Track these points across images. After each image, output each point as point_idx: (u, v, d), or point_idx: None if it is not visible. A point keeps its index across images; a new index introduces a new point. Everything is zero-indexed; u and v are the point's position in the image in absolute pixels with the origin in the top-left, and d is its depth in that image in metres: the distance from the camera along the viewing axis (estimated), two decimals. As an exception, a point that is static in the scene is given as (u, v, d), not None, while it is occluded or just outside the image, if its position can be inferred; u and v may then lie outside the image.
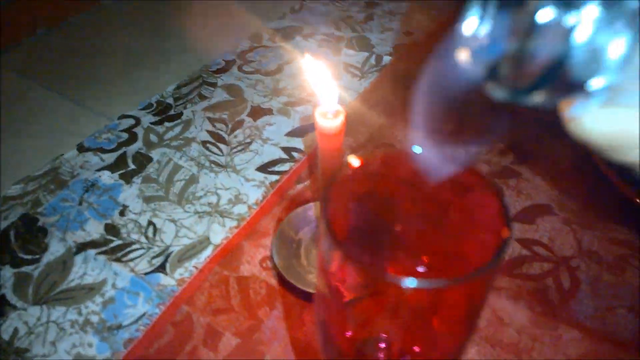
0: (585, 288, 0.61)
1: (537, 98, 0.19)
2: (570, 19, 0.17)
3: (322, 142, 0.52)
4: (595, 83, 0.18)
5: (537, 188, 0.72)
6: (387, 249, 0.31)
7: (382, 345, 0.30)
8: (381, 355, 0.30)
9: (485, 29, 0.20)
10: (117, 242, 0.69)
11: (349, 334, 0.30)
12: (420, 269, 0.32)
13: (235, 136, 0.86)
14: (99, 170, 0.79)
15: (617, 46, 0.17)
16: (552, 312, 0.58)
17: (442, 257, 0.32)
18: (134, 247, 0.68)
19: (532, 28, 0.17)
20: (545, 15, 0.17)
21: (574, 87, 0.18)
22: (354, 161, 0.30)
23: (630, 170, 0.21)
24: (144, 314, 0.61)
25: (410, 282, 0.23)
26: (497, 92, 0.20)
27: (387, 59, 1.04)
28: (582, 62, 0.17)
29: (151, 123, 0.89)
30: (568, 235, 0.66)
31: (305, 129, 0.87)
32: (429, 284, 0.23)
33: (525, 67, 0.18)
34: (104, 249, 0.68)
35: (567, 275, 0.62)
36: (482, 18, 0.20)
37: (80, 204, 0.74)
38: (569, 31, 0.17)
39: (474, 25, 0.20)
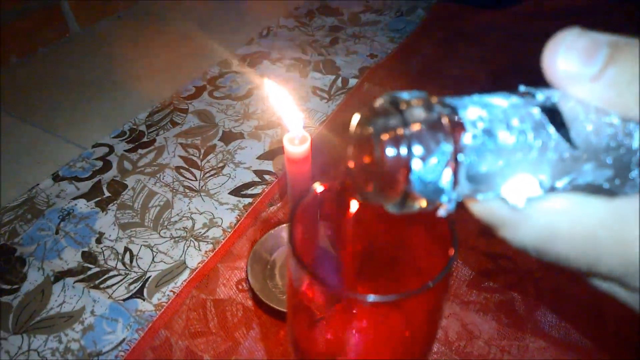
0: (549, 299, 0.64)
1: (409, 209, 0.23)
2: (403, 150, 0.22)
3: (291, 167, 0.55)
4: (442, 199, 0.22)
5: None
6: (350, 267, 0.34)
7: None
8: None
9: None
10: (94, 269, 0.70)
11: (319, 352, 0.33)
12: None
13: (208, 161, 0.88)
14: (74, 198, 0.81)
15: (445, 175, 0.22)
16: (518, 324, 0.62)
17: (401, 273, 0.35)
18: (111, 273, 0.69)
19: (382, 162, 0.22)
20: (390, 151, 0.22)
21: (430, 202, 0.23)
22: (318, 187, 0.33)
23: None
24: (123, 340, 0.62)
25: (368, 298, 0.26)
26: (387, 207, 0.24)
27: (353, 81, 1.08)
28: (424, 189, 0.22)
29: (125, 150, 0.90)
30: (528, 247, 0.70)
31: (276, 152, 0.89)
32: (384, 298, 0.26)
33: (387, 191, 0.23)
34: (81, 276, 0.69)
35: (532, 287, 0.65)
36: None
37: (56, 232, 0.75)
38: (408, 165, 0.22)
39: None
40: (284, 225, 0.71)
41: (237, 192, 0.82)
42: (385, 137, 0.22)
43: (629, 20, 1.21)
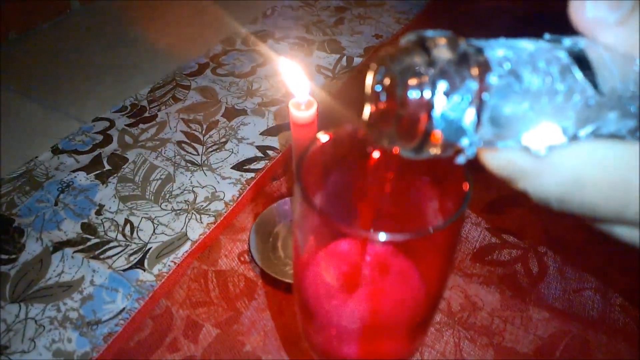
0: (553, 272, 0.63)
1: (426, 154, 0.23)
2: (427, 93, 0.21)
3: (296, 133, 0.54)
4: (463, 142, 0.21)
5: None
6: (357, 211, 0.32)
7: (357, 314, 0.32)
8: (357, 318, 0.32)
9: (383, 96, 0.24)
10: (94, 240, 0.69)
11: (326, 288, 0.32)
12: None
13: (210, 136, 0.87)
14: (74, 171, 0.80)
15: (468, 114, 0.21)
16: (522, 296, 0.61)
17: (410, 214, 0.34)
18: (111, 244, 0.68)
19: (404, 102, 0.22)
20: (413, 93, 0.21)
21: (449, 145, 0.22)
22: (323, 137, 0.32)
23: None
24: (123, 309, 0.61)
25: (381, 236, 0.24)
26: (403, 152, 0.24)
27: (358, 60, 1.06)
28: (446, 127, 0.21)
29: (126, 125, 0.89)
30: (536, 223, 0.69)
31: (279, 128, 0.88)
32: (400, 236, 0.25)
33: (406, 132, 0.22)
34: (81, 247, 0.68)
35: (535, 260, 0.64)
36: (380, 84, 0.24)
37: (55, 204, 0.74)
38: (431, 104, 0.21)
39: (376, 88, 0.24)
40: (287, 198, 0.70)
41: (239, 166, 0.80)
42: (409, 76, 0.21)
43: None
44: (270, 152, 0.83)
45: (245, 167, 0.80)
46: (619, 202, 0.21)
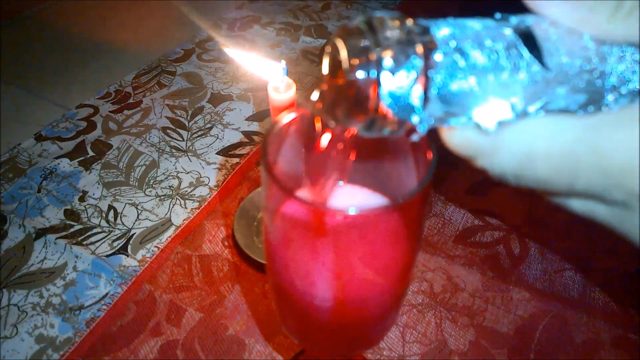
0: (534, 253, 0.63)
1: (379, 131, 0.23)
2: (374, 72, 0.21)
3: (276, 115, 0.53)
4: (413, 119, 0.22)
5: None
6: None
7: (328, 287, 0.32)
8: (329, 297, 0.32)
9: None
10: (77, 226, 0.69)
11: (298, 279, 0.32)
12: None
13: (196, 122, 0.86)
14: (57, 158, 0.79)
15: (415, 91, 0.21)
16: (503, 276, 0.61)
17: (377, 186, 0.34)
18: (94, 231, 0.68)
19: (352, 82, 0.22)
20: (360, 73, 0.22)
21: (400, 122, 0.22)
22: (289, 115, 0.32)
23: None
24: (106, 294, 0.61)
25: (351, 210, 0.24)
26: (358, 130, 0.24)
27: (344, 45, 1.06)
28: (394, 105, 0.21)
29: (110, 111, 0.88)
30: (518, 204, 0.69)
31: (265, 113, 0.88)
32: (369, 209, 0.25)
33: (356, 111, 0.23)
34: (63, 233, 0.68)
35: (517, 242, 0.65)
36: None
37: (39, 191, 0.74)
38: (378, 82, 0.21)
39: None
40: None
41: (225, 152, 0.80)
42: (355, 56, 0.22)
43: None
44: (255, 138, 0.83)
45: (230, 153, 0.80)
46: (568, 174, 0.22)
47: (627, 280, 0.60)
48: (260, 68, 0.53)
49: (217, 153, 0.80)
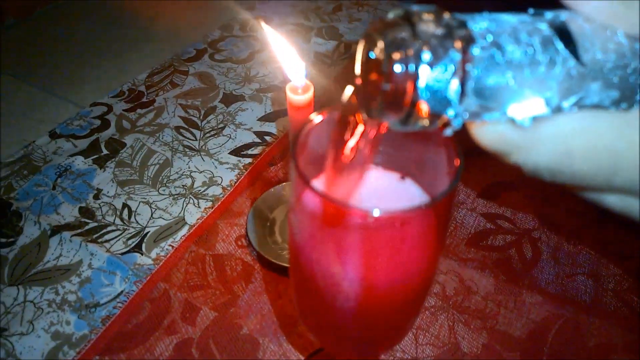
0: (546, 257, 0.64)
1: (413, 125, 0.23)
2: (412, 66, 0.22)
3: (293, 116, 0.54)
4: (449, 113, 0.22)
5: (500, 165, 0.75)
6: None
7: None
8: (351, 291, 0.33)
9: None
10: (92, 224, 0.69)
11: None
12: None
13: (208, 122, 0.87)
14: (72, 155, 0.80)
15: (453, 85, 0.21)
16: (515, 280, 0.61)
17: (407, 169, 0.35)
18: (109, 228, 0.69)
19: (390, 75, 0.22)
20: (398, 66, 0.22)
21: (436, 116, 0.23)
22: (317, 117, 0.33)
23: None
24: (121, 292, 0.62)
25: (375, 212, 0.25)
26: (391, 124, 0.24)
27: (355, 47, 1.06)
28: (431, 98, 0.22)
29: (124, 110, 0.89)
30: (530, 208, 0.69)
31: (277, 114, 0.88)
32: (395, 211, 0.26)
33: (393, 105, 0.23)
34: (79, 231, 0.68)
35: (529, 245, 0.65)
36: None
37: (53, 188, 0.74)
38: (416, 76, 0.21)
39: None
40: (285, 183, 0.70)
41: (237, 152, 0.81)
42: (394, 49, 0.22)
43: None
44: (267, 138, 0.83)
45: (242, 153, 0.80)
46: (607, 170, 0.22)
47: (639, 285, 0.61)
48: (285, 64, 0.54)
49: (229, 153, 0.80)
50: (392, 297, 0.33)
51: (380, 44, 0.23)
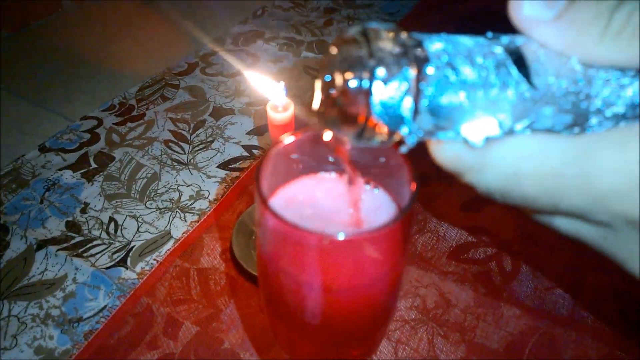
0: (526, 270, 0.64)
1: (368, 141, 0.24)
2: (366, 82, 0.22)
3: (274, 134, 0.55)
4: (403, 130, 0.23)
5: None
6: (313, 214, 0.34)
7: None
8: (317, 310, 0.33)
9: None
10: (78, 238, 0.70)
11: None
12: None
13: (197, 135, 0.88)
14: (60, 169, 0.81)
15: (406, 102, 0.22)
16: (494, 293, 0.62)
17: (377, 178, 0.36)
18: (95, 243, 0.69)
19: (344, 90, 0.23)
20: (352, 82, 0.22)
21: (390, 132, 0.23)
22: (288, 138, 0.33)
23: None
24: (104, 307, 0.62)
25: (340, 235, 0.26)
26: (351, 139, 0.25)
27: (345, 60, 1.07)
28: (385, 115, 0.22)
29: (114, 123, 0.90)
30: (510, 221, 0.70)
31: (265, 128, 0.89)
32: (354, 234, 0.26)
33: (348, 119, 0.24)
34: (64, 245, 0.69)
35: (509, 259, 0.66)
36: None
37: (41, 202, 0.75)
38: (369, 92, 0.22)
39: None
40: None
41: (225, 165, 0.81)
42: (349, 65, 0.23)
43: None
44: (255, 152, 0.84)
45: (230, 166, 0.81)
46: (555, 194, 0.22)
47: (616, 299, 0.61)
48: (262, 86, 0.55)
49: (217, 166, 0.81)
50: (357, 313, 0.34)
51: (337, 60, 0.24)
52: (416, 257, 0.66)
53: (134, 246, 0.69)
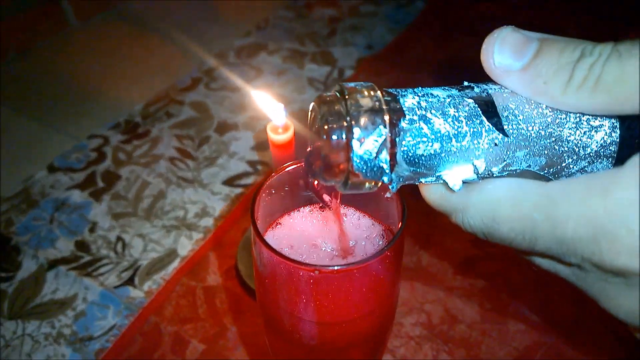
0: (531, 285, 0.65)
1: (354, 188, 0.25)
2: (343, 138, 0.24)
3: (275, 153, 0.56)
4: (384, 179, 0.24)
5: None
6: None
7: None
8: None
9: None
10: (87, 257, 0.71)
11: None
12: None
13: (202, 152, 0.89)
14: (68, 189, 0.82)
15: (383, 155, 0.23)
16: (500, 308, 0.62)
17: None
18: (103, 262, 0.71)
19: (326, 145, 0.25)
20: (333, 137, 0.24)
21: (372, 181, 0.25)
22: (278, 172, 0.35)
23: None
24: (114, 326, 0.63)
25: (329, 266, 0.27)
26: (339, 188, 0.26)
27: (349, 72, 1.08)
28: (364, 167, 0.24)
29: (120, 142, 0.91)
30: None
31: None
32: (341, 265, 0.27)
33: (331, 171, 0.25)
34: (74, 265, 0.70)
35: (515, 273, 0.66)
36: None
37: (51, 222, 0.77)
38: (349, 147, 0.23)
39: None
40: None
41: (230, 182, 0.82)
42: (328, 123, 0.24)
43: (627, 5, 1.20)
44: (259, 167, 0.85)
45: (235, 183, 0.82)
46: (529, 238, 0.24)
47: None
48: (264, 106, 0.56)
49: (222, 183, 0.82)
50: (352, 335, 0.35)
51: (318, 119, 0.25)
52: (422, 271, 0.66)
53: (141, 265, 0.70)
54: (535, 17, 1.24)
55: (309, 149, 0.28)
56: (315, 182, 0.32)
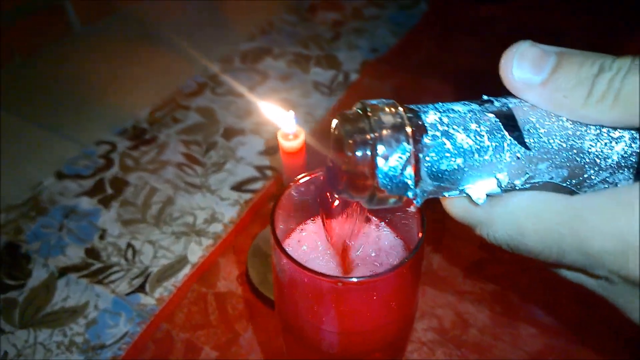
0: (542, 288, 0.65)
1: (380, 204, 0.26)
2: (369, 156, 0.24)
3: (286, 160, 0.56)
4: (408, 194, 0.25)
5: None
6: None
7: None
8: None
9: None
10: (97, 265, 0.71)
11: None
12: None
13: (210, 157, 0.89)
14: (77, 196, 0.82)
15: (408, 171, 0.24)
16: (511, 312, 0.62)
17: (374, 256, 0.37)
18: (114, 269, 0.71)
19: (351, 162, 0.25)
20: (358, 155, 0.24)
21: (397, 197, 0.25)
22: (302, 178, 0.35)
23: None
24: (126, 333, 0.63)
25: (352, 278, 0.27)
26: (364, 204, 0.26)
27: (354, 76, 1.08)
28: (389, 183, 0.24)
29: (127, 148, 0.91)
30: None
31: (277, 148, 0.90)
32: (363, 277, 0.28)
33: (357, 188, 0.26)
34: (85, 272, 0.70)
35: (526, 276, 0.66)
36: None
37: (60, 230, 0.77)
38: (374, 164, 0.24)
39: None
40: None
41: (238, 187, 0.83)
42: (352, 141, 0.25)
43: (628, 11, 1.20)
44: (268, 172, 0.85)
45: (243, 188, 0.82)
46: (557, 251, 0.24)
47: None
48: (273, 115, 0.56)
49: (231, 188, 0.82)
50: (372, 345, 0.35)
51: (343, 134, 0.25)
52: (432, 275, 0.66)
53: (151, 272, 0.70)
54: (536, 17, 1.25)
55: (329, 164, 0.29)
56: (333, 197, 0.33)
